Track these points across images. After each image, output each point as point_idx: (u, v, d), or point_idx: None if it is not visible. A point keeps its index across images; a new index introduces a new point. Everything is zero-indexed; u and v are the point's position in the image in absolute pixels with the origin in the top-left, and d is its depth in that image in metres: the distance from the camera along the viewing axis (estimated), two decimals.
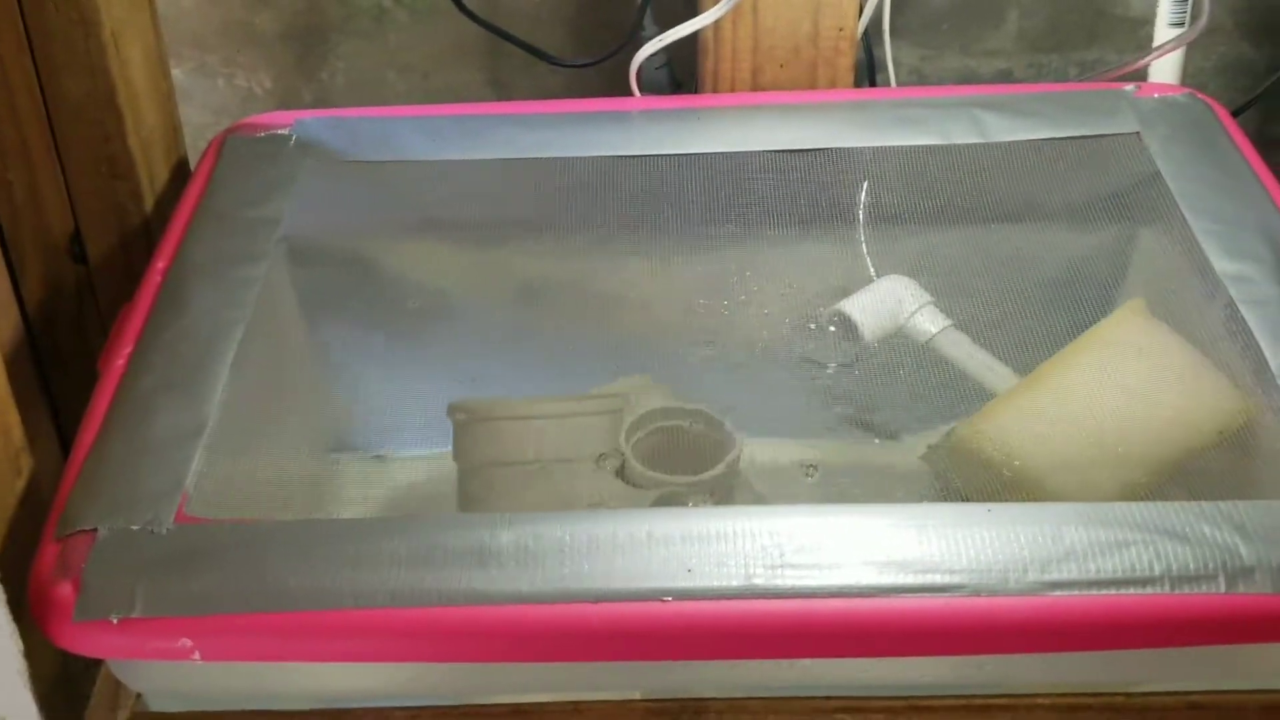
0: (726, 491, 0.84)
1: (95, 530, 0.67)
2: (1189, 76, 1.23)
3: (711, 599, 0.64)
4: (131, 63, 0.91)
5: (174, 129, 0.98)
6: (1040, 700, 0.70)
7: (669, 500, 0.82)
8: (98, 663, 0.73)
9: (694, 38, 1.00)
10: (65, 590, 0.65)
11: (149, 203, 0.94)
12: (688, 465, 0.84)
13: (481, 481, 0.86)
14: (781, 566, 0.64)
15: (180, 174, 0.99)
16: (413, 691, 0.71)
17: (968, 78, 1.30)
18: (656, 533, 0.66)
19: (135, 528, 0.67)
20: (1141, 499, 0.77)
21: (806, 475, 0.83)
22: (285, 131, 0.95)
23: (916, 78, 1.30)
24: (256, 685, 0.71)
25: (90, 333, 0.95)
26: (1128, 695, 0.70)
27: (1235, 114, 1.17)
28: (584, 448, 0.85)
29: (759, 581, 0.64)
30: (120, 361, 0.77)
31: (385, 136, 0.95)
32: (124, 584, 0.65)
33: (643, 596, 0.64)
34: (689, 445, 0.86)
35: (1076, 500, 0.77)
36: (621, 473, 0.84)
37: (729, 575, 0.64)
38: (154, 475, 0.70)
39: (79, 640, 0.64)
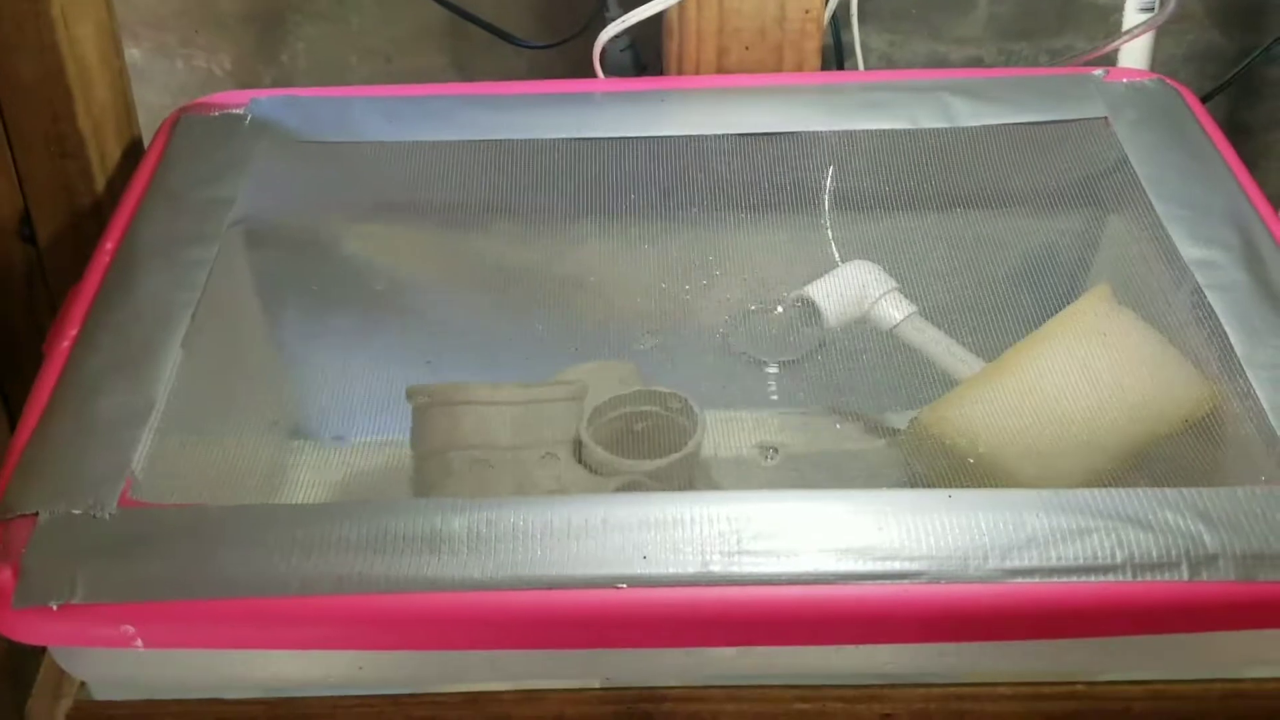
0: (688, 477, 0.83)
1: (36, 514, 0.65)
2: (1159, 64, 1.22)
3: (667, 586, 0.62)
4: (82, 41, 0.89)
5: (127, 108, 0.96)
6: (1001, 689, 0.69)
7: (630, 487, 0.81)
8: (40, 650, 0.71)
9: (659, 19, 0.99)
10: (5, 576, 0.63)
11: (100, 183, 0.93)
12: (651, 450, 0.82)
13: (439, 468, 0.84)
14: (738, 553, 0.63)
15: (133, 153, 0.97)
16: (365, 680, 0.70)
17: (937, 64, 1.29)
18: (612, 519, 0.65)
19: (77, 512, 0.65)
20: (1105, 486, 0.77)
21: (766, 458, 0.82)
22: (240, 111, 0.93)
23: (885, 63, 1.29)
24: (203, 674, 0.69)
25: (40, 314, 0.93)
26: (1089, 684, 0.69)
27: (1204, 100, 1.16)
28: (544, 434, 0.84)
29: (715, 568, 0.63)
30: (66, 344, 0.75)
31: (343, 117, 0.93)
32: (65, 569, 0.63)
33: (597, 583, 0.62)
34: (652, 430, 0.85)
35: (1040, 487, 0.76)
36: (582, 459, 0.83)
37: (685, 562, 0.63)
38: (98, 459, 0.68)
39: (18, 627, 0.63)
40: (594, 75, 1.00)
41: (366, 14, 1.25)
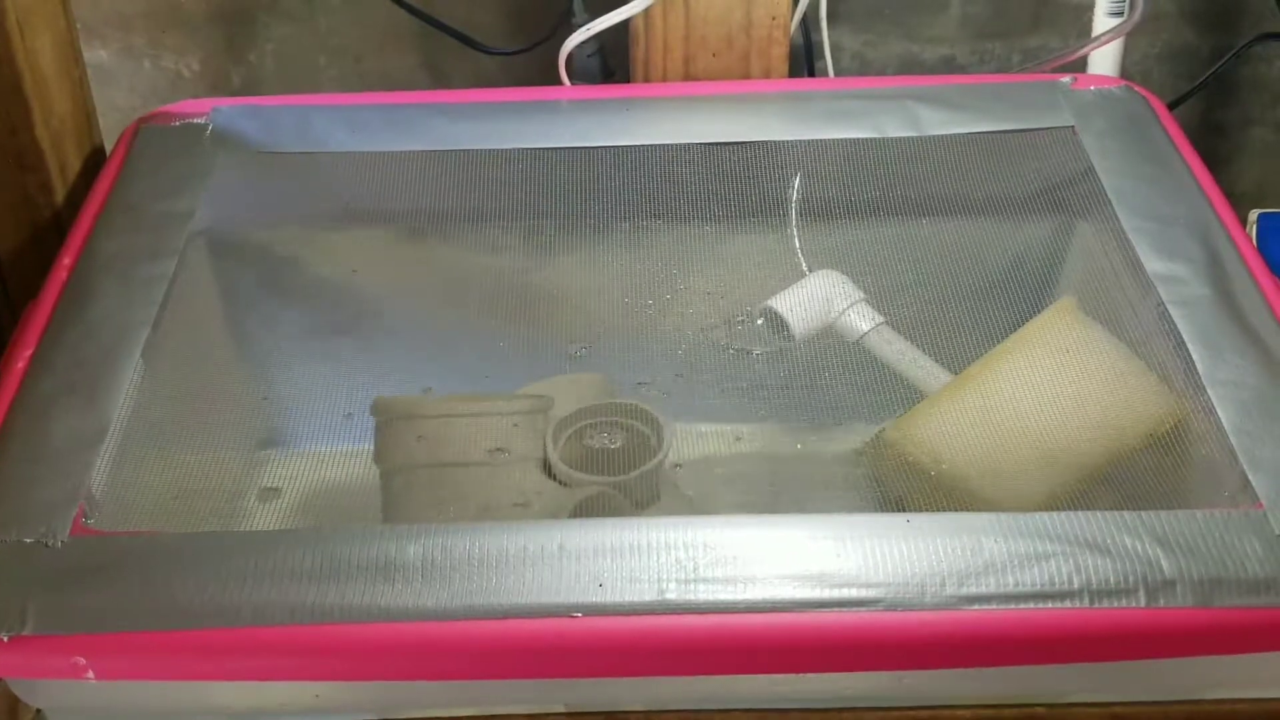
0: (653, 490, 0.82)
1: None
2: (1132, 64, 1.22)
3: (623, 615, 0.62)
4: (40, 51, 0.88)
5: (87, 118, 0.95)
6: (960, 713, 0.69)
7: (595, 500, 0.80)
8: None
9: (625, 25, 0.98)
10: None
11: (60, 195, 0.92)
12: (617, 464, 0.82)
13: (404, 482, 0.84)
14: (695, 581, 0.63)
15: (95, 164, 0.96)
16: (322, 708, 0.69)
17: (911, 63, 1.28)
18: (568, 546, 0.64)
19: (29, 540, 0.65)
20: (1069, 502, 0.76)
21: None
22: (201, 121, 0.92)
23: (859, 63, 1.28)
24: (161, 701, 0.69)
25: (4, 331, 0.92)
26: (1049, 706, 0.69)
27: (1178, 102, 1.16)
28: (509, 448, 0.83)
29: (671, 596, 0.62)
30: (20, 364, 0.75)
31: (305, 127, 0.92)
32: (16, 599, 0.62)
33: (552, 612, 0.62)
34: (616, 444, 0.84)
35: (1004, 504, 0.76)
36: (547, 473, 0.83)
37: (641, 590, 0.62)
38: (50, 485, 0.68)
39: None
40: (561, 78, 0.99)
41: (335, 15, 1.24)
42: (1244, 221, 0.93)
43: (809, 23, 1.15)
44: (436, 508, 0.82)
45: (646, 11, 0.96)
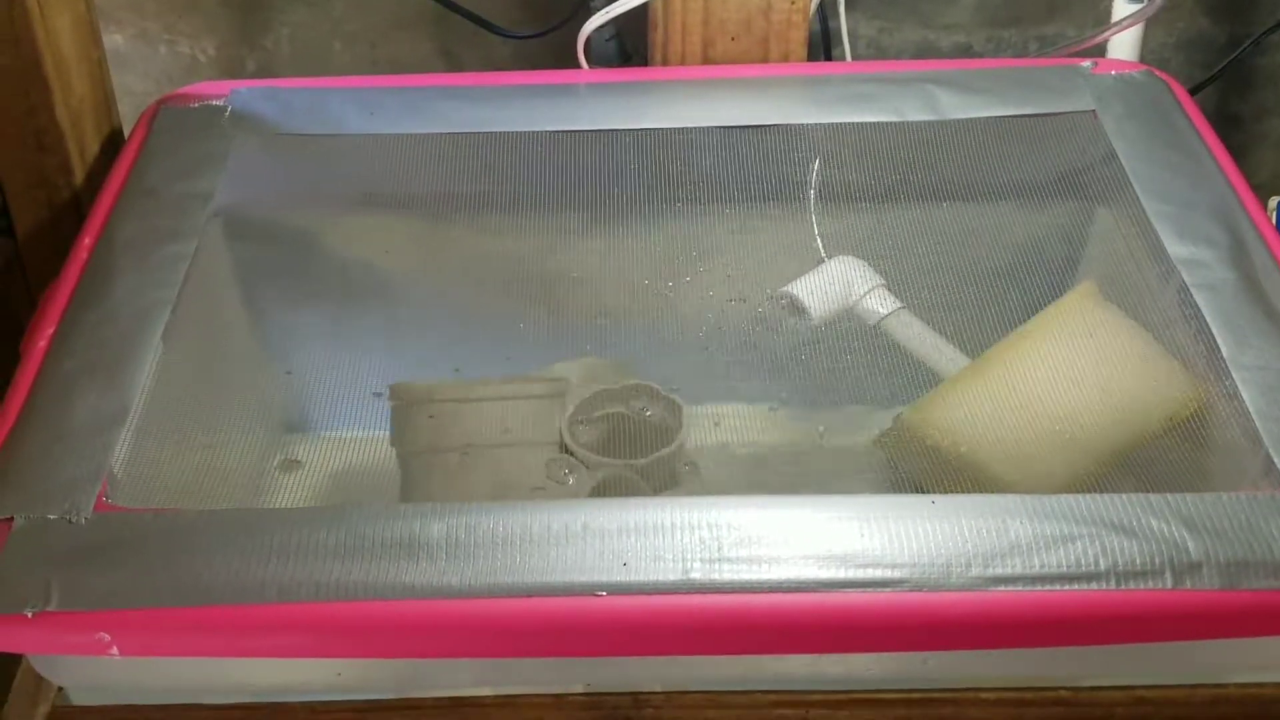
0: (671, 474, 0.82)
1: (11, 520, 0.65)
2: (1149, 52, 1.22)
3: (647, 594, 0.62)
4: (59, 32, 0.88)
5: (106, 99, 0.95)
6: (984, 694, 0.69)
7: (613, 483, 0.80)
8: (17, 656, 0.71)
9: (644, 9, 0.98)
10: None
11: (79, 176, 0.92)
12: (635, 447, 0.82)
13: (422, 466, 0.84)
14: (719, 560, 0.63)
15: (113, 146, 0.96)
16: (345, 686, 0.69)
17: (926, 50, 1.28)
18: (592, 525, 0.64)
19: (53, 517, 0.65)
20: (1090, 486, 0.76)
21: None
22: (220, 102, 0.92)
23: (874, 50, 1.28)
24: (183, 678, 0.69)
25: (20, 311, 0.92)
26: (1074, 689, 0.69)
27: (1195, 91, 1.16)
28: (527, 431, 0.83)
29: (696, 576, 0.62)
30: (42, 343, 0.75)
31: (324, 109, 0.92)
32: (40, 576, 0.62)
33: (577, 591, 0.62)
34: (636, 427, 0.84)
35: (1024, 487, 0.76)
36: (564, 455, 0.82)
37: (665, 570, 0.62)
38: (73, 462, 0.68)
39: None
40: (579, 64, 0.99)
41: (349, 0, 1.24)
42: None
43: (826, 8, 1.15)
44: (453, 491, 0.82)
45: None
